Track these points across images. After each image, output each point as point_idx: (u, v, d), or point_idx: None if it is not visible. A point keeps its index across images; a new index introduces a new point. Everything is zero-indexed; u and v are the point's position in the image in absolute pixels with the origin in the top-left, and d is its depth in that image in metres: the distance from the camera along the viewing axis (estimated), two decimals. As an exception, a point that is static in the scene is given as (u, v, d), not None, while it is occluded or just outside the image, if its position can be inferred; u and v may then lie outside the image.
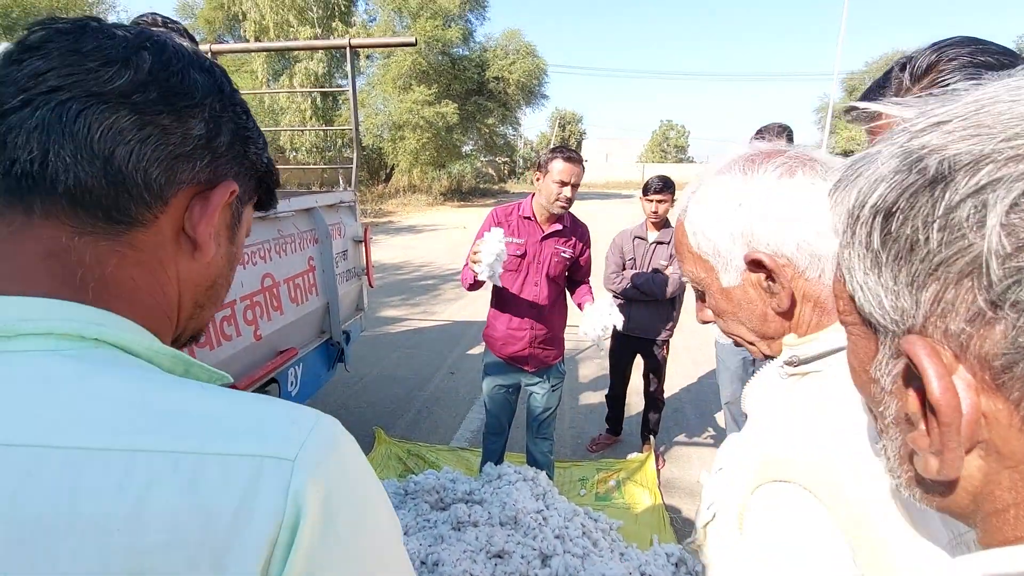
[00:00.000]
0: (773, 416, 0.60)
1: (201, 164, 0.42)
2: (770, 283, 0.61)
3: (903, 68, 0.85)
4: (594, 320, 2.21)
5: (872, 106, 0.34)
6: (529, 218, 2.27)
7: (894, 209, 0.28)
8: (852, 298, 0.33)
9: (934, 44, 0.83)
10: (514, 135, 31.76)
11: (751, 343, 0.67)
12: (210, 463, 0.32)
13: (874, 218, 0.29)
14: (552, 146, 2.34)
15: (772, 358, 0.67)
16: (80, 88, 0.37)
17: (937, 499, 0.31)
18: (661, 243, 2.94)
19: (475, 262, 2.00)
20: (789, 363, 0.61)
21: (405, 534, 1.98)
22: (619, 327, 2.26)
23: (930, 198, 0.26)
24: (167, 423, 0.33)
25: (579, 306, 2.42)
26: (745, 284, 0.63)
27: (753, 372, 0.72)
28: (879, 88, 0.90)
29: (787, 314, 0.61)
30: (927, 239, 0.26)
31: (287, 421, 0.36)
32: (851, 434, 0.50)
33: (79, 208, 0.38)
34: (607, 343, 2.22)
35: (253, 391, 1.76)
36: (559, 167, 2.13)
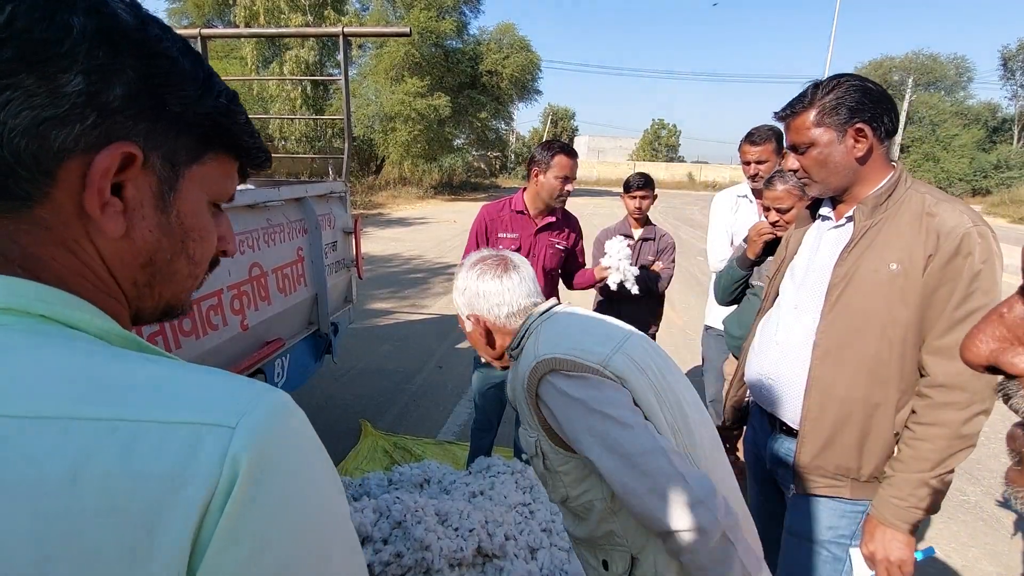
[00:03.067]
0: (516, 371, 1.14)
1: (84, 126, 0.36)
2: (488, 330, 1.18)
3: (816, 86, 1.23)
4: (615, 252, 2.26)
5: None
6: (522, 212, 2.27)
7: None
8: None
9: (835, 75, 1.24)
10: (506, 130, 31.66)
11: (489, 359, 1.25)
12: (148, 430, 0.32)
13: None
14: (544, 140, 2.35)
15: (506, 368, 1.23)
16: None
17: None
18: (647, 240, 2.96)
19: (603, 275, 2.17)
20: (511, 356, 1.17)
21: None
22: (635, 273, 2.33)
23: None
24: (108, 391, 0.33)
25: (588, 280, 2.46)
26: (476, 330, 1.18)
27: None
28: (800, 99, 1.25)
29: (492, 343, 1.19)
30: None
31: (233, 391, 0.35)
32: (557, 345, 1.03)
33: None
34: (636, 271, 2.28)
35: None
36: (561, 162, 2.14)
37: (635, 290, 2.33)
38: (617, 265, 2.24)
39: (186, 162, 0.44)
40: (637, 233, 2.97)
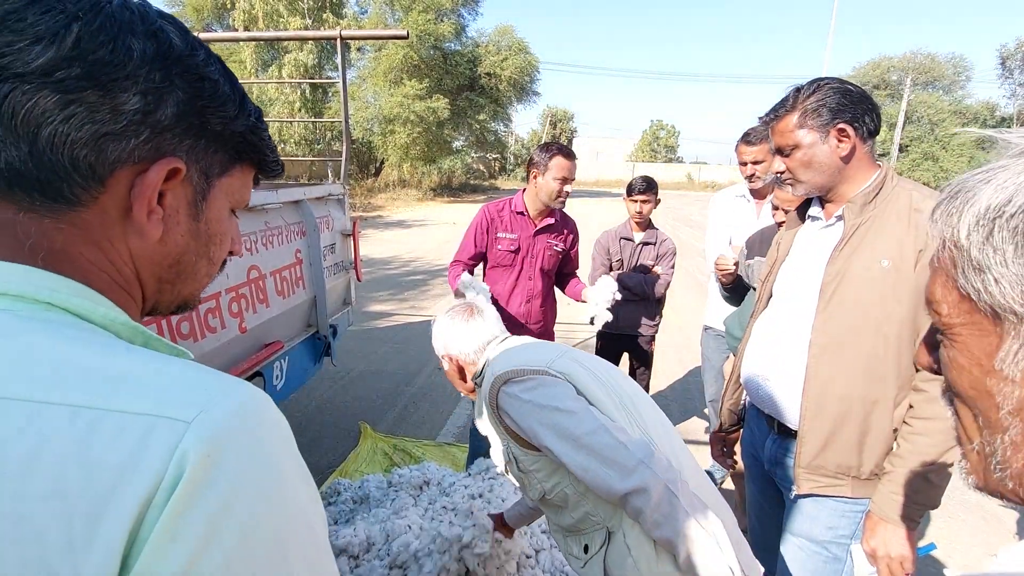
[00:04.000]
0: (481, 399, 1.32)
1: (138, 141, 0.40)
2: (460, 367, 1.38)
3: (797, 91, 1.26)
4: (601, 293, 2.23)
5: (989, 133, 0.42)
6: (522, 213, 2.28)
7: None
8: (968, 297, 0.37)
9: (816, 78, 1.27)
10: (505, 132, 31.69)
11: (463, 391, 1.43)
12: (108, 419, 0.32)
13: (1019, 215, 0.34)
14: (543, 142, 2.36)
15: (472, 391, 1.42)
16: (9, 70, 0.37)
17: None
18: (647, 244, 2.96)
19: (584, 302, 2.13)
20: (476, 384, 1.38)
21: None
22: (608, 319, 2.28)
23: None
24: (79, 379, 0.33)
25: (575, 297, 2.44)
26: (451, 367, 1.40)
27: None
28: (782, 103, 1.28)
29: (464, 377, 1.38)
30: None
31: (202, 386, 0.35)
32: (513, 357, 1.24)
33: (16, 188, 0.38)
34: (610, 316, 2.27)
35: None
36: (560, 164, 2.15)
37: (598, 325, 2.35)
38: (594, 307, 2.28)
39: (218, 174, 0.48)
40: (638, 236, 2.97)
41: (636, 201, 2.85)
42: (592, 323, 2.35)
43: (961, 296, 0.38)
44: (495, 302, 2.35)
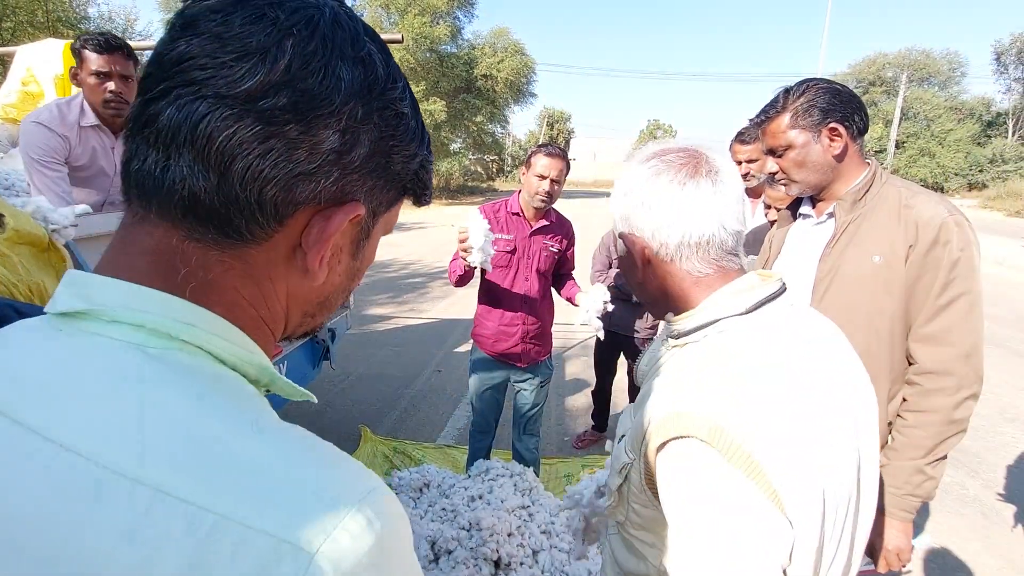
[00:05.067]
0: (662, 382, 0.69)
1: (327, 183, 0.36)
2: (646, 261, 0.74)
3: (787, 92, 1.27)
4: (593, 299, 2.24)
5: None
6: (517, 214, 2.28)
7: None
8: None
9: (804, 79, 1.28)
10: (502, 133, 31.74)
11: (642, 300, 0.82)
12: (229, 531, 0.28)
13: None
14: (540, 143, 2.37)
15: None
16: (211, 86, 0.33)
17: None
18: None
19: (464, 250, 1.99)
20: (672, 336, 0.74)
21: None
22: (601, 333, 2.29)
23: None
24: (205, 465, 0.30)
25: (569, 300, 2.44)
26: (628, 258, 0.78)
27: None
28: (772, 105, 1.29)
29: (648, 282, 0.76)
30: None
31: (326, 497, 0.31)
32: (730, 390, 0.61)
33: (191, 217, 0.35)
34: (600, 325, 2.27)
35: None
36: (540, 161, 2.16)
37: (593, 332, 2.35)
38: (584, 314, 2.28)
39: (383, 211, 0.43)
40: None
41: None
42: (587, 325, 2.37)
43: None
44: (488, 302, 2.36)
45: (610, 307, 2.24)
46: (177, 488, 0.29)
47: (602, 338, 2.26)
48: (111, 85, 1.90)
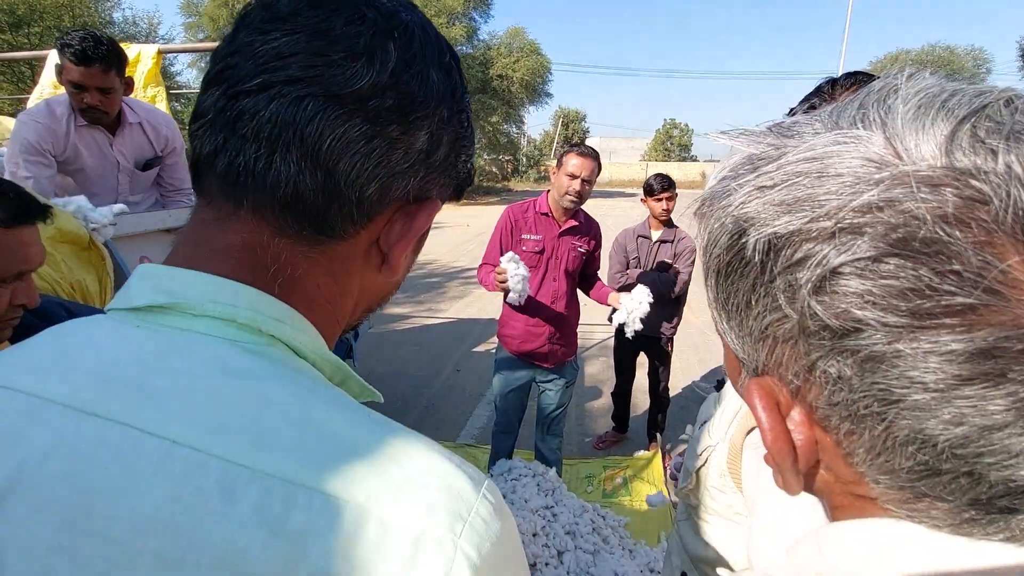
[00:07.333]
0: None
1: (415, 181, 0.37)
2: None
3: (832, 83, 1.12)
4: (637, 300, 2.24)
5: (724, 139, 0.32)
6: (546, 214, 2.28)
7: (729, 270, 0.30)
8: None
9: (850, 72, 1.13)
10: (517, 133, 31.73)
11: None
12: (372, 522, 0.28)
13: (717, 274, 0.32)
14: (562, 142, 2.38)
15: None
16: (320, 84, 0.33)
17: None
18: (665, 242, 2.94)
19: (503, 288, 2.08)
20: None
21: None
22: (638, 328, 2.28)
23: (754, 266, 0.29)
24: (337, 457, 0.30)
25: (600, 299, 2.45)
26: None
27: None
28: (816, 93, 1.16)
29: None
30: (756, 301, 0.29)
31: (455, 486, 0.31)
32: None
33: (288, 215, 0.35)
34: (640, 326, 2.26)
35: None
36: (572, 161, 2.15)
37: (630, 334, 2.33)
38: (625, 315, 2.27)
39: (440, 206, 0.44)
40: (656, 234, 2.96)
41: (661, 199, 2.86)
42: (623, 329, 2.36)
43: None
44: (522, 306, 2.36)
45: (648, 308, 2.24)
46: (313, 480, 0.29)
47: (640, 328, 2.25)
48: (87, 98, 1.82)
